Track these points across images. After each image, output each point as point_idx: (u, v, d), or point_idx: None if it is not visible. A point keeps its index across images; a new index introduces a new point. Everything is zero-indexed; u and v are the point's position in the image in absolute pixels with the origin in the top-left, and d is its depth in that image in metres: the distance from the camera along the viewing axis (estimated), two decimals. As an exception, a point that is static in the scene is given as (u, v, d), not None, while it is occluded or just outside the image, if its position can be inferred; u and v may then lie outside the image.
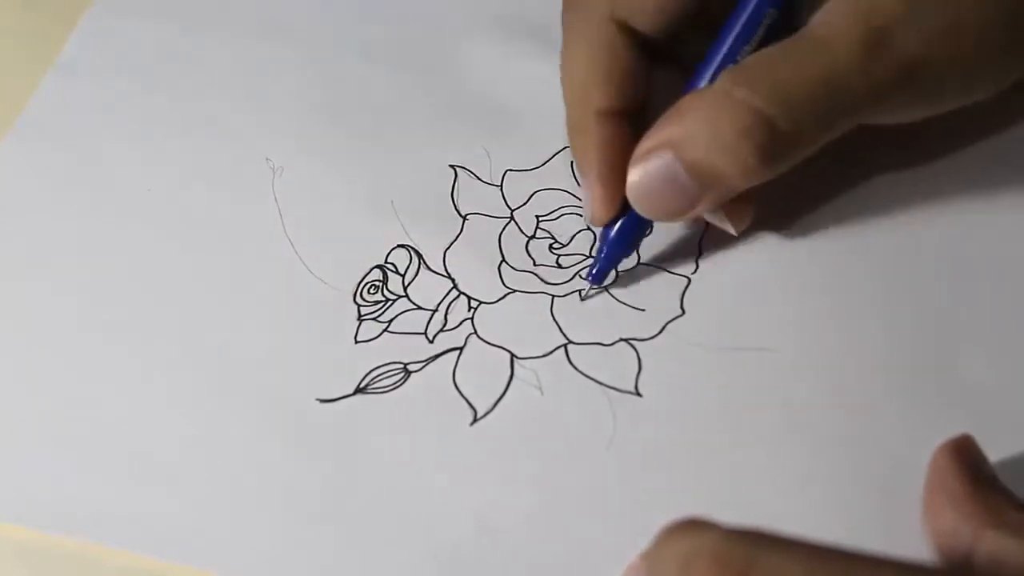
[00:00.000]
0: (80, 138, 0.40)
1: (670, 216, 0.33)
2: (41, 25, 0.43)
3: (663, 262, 0.35)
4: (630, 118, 0.34)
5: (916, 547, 0.29)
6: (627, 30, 0.34)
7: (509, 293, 0.35)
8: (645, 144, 0.32)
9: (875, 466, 0.31)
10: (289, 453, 0.32)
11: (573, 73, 0.35)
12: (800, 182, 0.35)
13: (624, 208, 0.34)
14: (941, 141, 0.37)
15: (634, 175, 0.32)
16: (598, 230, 0.35)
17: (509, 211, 0.37)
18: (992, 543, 0.26)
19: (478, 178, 0.38)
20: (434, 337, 0.34)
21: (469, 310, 0.35)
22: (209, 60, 0.42)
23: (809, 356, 0.33)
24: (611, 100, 0.34)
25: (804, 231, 0.36)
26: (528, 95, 0.39)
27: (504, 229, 0.37)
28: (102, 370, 0.34)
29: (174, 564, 0.31)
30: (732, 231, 0.35)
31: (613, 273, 0.35)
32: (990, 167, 0.36)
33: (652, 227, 0.35)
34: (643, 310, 0.34)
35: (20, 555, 0.31)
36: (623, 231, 0.34)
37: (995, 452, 0.30)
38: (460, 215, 0.37)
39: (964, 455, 0.29)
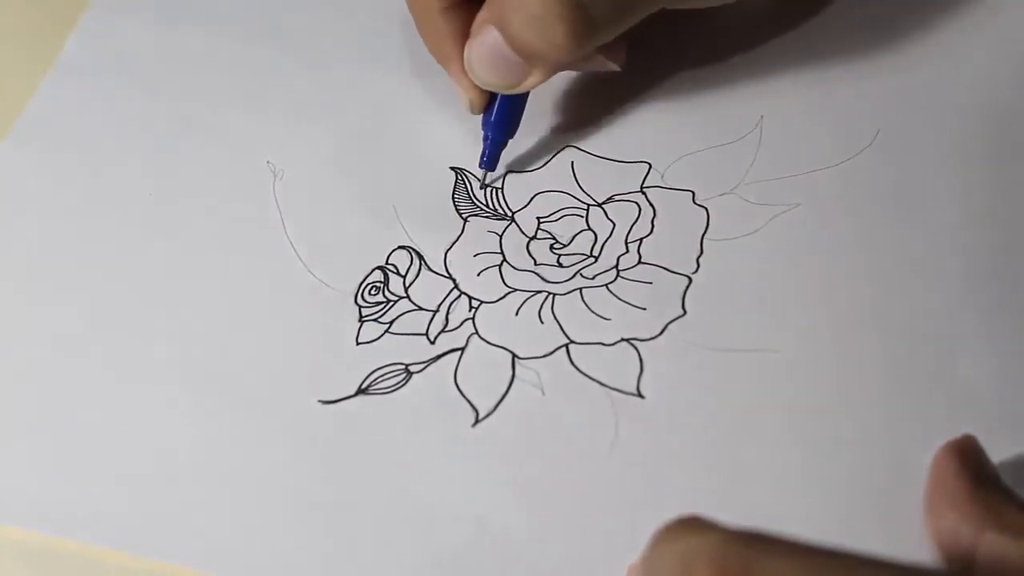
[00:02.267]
0: (80, 139, 0.40)
1: (510, 87, 0.35)
2: (41, 26, 0.43)
3: (664, 261, 0.35)
4: (474, 4, 0.35)
5: (917, 548, 0.29)
6: None
7: (510, 293, 0.35)
8: (477, 21, 0.35)
9: (876, 467, 0.31)
10: (290, 454, 0.32)
11: None
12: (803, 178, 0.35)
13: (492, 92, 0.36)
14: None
15: (467, 51, 0.35)
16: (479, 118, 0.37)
17: (510, 213, 0.37)
18: (993, 544, 0.26)
19: (479, 179, 0.38)
20: (435, 338, 0.34)
21: (470, 310, 0.35)
22: (209, 61, 0.41)
23: (810, 357, 0.33)
24: None
25: (805, 232, 0.36)
26: (528, 94, 0.39)
27: (505, 230, 0.37)
28: (102, 371, 0.34)
29: (174, 565, 0.31)
30: (615, 67, 0.37)
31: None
32: (993, 164, 0.36)
33: (526, 100, 0.37)
34: (644, 309, 0.34)
35: (20, 555, 0.31)
36: (500, 110, 0.36)
37: (996, 453, 0.30)
38: (461, 217, 0.37)
39: (966, 455, 0.29)
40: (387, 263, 0.36)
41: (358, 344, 0.34)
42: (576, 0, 0.33)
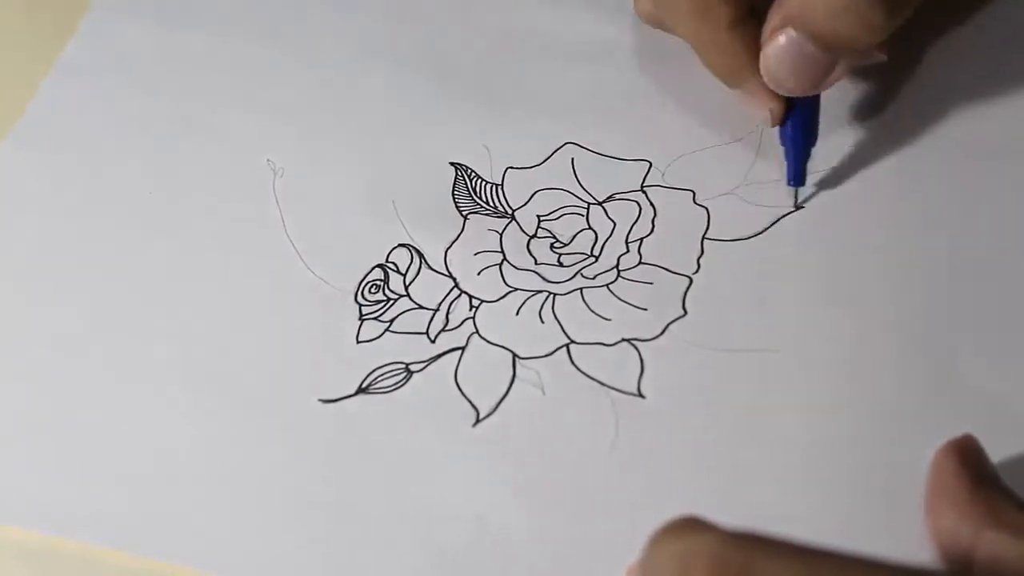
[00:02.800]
0: (80, 139, 0.40)
1: (813, 88, 0.34)
2: (41, 27, 0.43)
3: (665, 262, 0.35)
4: (758, 14, 0.34)
5: (917, 548, 0.29)
6: None
7: (511, 292, 0.35)
8: (769, 25, 0.33)
9: (876, 467, 0.31)
10: (291, 454, 0.32)
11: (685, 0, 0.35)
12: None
13: (790, 101, 0.35)
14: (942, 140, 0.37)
15: (765, 58, 0.33)
16: (775, 132, 0.36)
17: (510, 211, 0.37)
18: (992, 543, 0.26)
19: (479, 176, 0.38)
20: (436, 337, 0.34)
21: (471, 309, 0.35)
22: (209, 61, 0.41)
23: (810, 357, 0.33)
24: (736, 9, 0.34)
25: (805, 232, 0.36)
26: (529, 92, 0.39)
27: (505, 228, 0.37)
28: (102, 371, 0.34)
29: (174, 565, 0.31)
30: (883, 56, 0.35)
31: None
32: (993, 165, 0.36)
33: (819, 104, 0.35)
34: (645, 310, 0.34)
35: (20, 555, 0.31)
36: (798, 120, 0.35)
37: (997, 453, 0.30)
38: (461, 214, 0.37)
39: (966, 455, 0.29)
40: (387, 261, 0.36)
41: (358, 343, 0.34)
42: None
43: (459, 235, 0.36)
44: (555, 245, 0.36)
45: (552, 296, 0.35)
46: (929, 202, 0.36)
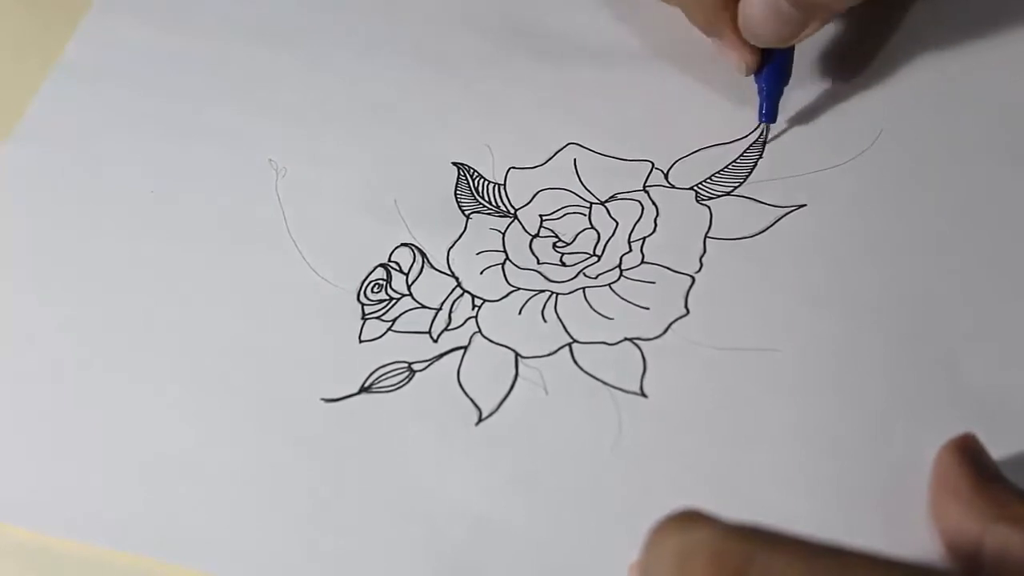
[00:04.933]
0: (81, 140, 0.40)
1: (783, 41, 0.36)
2: (42, 27, 0.43)
3: (667, 261, 0.35)
4: None
5: (919, 546, 0.29)
6: None
7: (513, 291, 0.35)
8: None
9: (879, 465, 0.31)
10: (293, 453, 0.32)
11: None
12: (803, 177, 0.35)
13: (765, 51, 0.37)
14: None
15: (743, 11, 0.36)
16: (750, 80, 0.37)
17: (512, 210, 0.37)
18: (999, 535, 0.26)
19: (481, 176, 0.38)
20: (438, 336, 0.34)
21: (473, 309, 0.35)
22: (210, 61, 0.41)
23: (813, 356, 0.33)
24: None
25: (807, 232, 0.36)
26: (531, 92, 0.39)
27: (508, 228, 0.37)
28: (103, 371, 0.34)
29: (175, 565, 0.31)
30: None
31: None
32: (995, 163, 0.36)
33: (793, 51, 0.37)
34: (647, 309, 0.34)
35: (20, 555, 0.31)
36: (773, 63, 0.37)
37: (998, 451, 0.30)
38: (463, 214, 0.37)
39: (968, 452, 0.29)
40: (390, 260, 0.36)
41: (361, 342, 0.34)
42: None
43: (461, 235, 0.36)
44: (557, 244, 0.36)
45: (555, 295, 0.35)
46: (931, 202, 0.36)
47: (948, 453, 0.29)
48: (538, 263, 0.36)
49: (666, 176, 0.37)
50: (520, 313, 0.35)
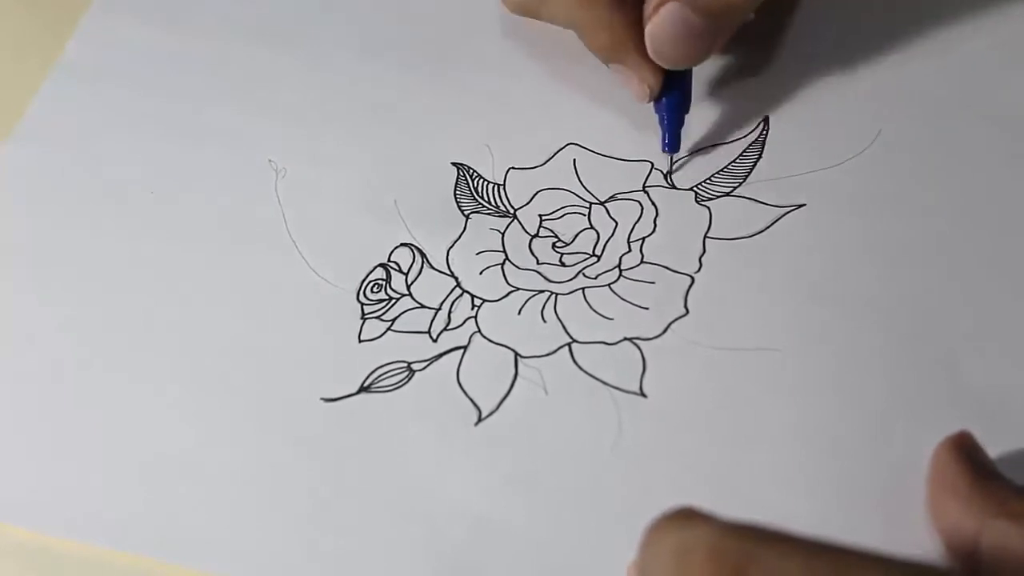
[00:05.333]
0: (81, 140, 0.40)
1: (692, 59, 0.35)
2: (42, 27, 0.43)
3: (667, 261, 0.35)
4: None
5: (918, 545, 0.29)
6: None
7: (512, 292, 0.35)
8: (652, 1, 0.34)
9: (878, 465, 0.31)
10: (293, 453, 0.32)
11: None
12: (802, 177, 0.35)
13: (666, 77, 0.36)
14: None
15: (651, 31, 0.35)
16: (650, 106, 0.37)
17: (512, 210, 0.37)
18: (997, 530, 0.26)
19: (481, 176, 0.38)
20: (438, 336, 0.34)
21: (472, 309, 0.35)
22: (209, 62, 0.41)
23: (812, 355, 0.33)
24: None
25: (806, 231, 0.36)
26: (531, 92, 0.39)
27: (507, 228, 0.37)
28: (104, 371, 0.34)
29: (175, 565, 0.31)
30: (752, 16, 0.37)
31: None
32: (995, 163, 0.36)
33: (691, 75, 0.37)
34: (647, 309, 0.34)
35: (20, 555, 0.31)
36: (674, 89, 0.36)
37: (999, 451, 0.30)
38: (463, 214, 0.37)
39: (964, 449, 0.29)
40: (389, 260, 0.36)
41: (360, 342, 0.34)
42: None
43: (461, 235, 0.36)
44: (557, 245, 0.36)
45: (554, 296, 0.35)
46: (931, 201, 0.36)
47: (945, 451, 0.29)
48: (538, 263, 0.36)
49: (666, 176, 0.37)
50: (520, 313, 0.35)
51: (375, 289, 0.35)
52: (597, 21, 0.36)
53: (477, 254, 0.36)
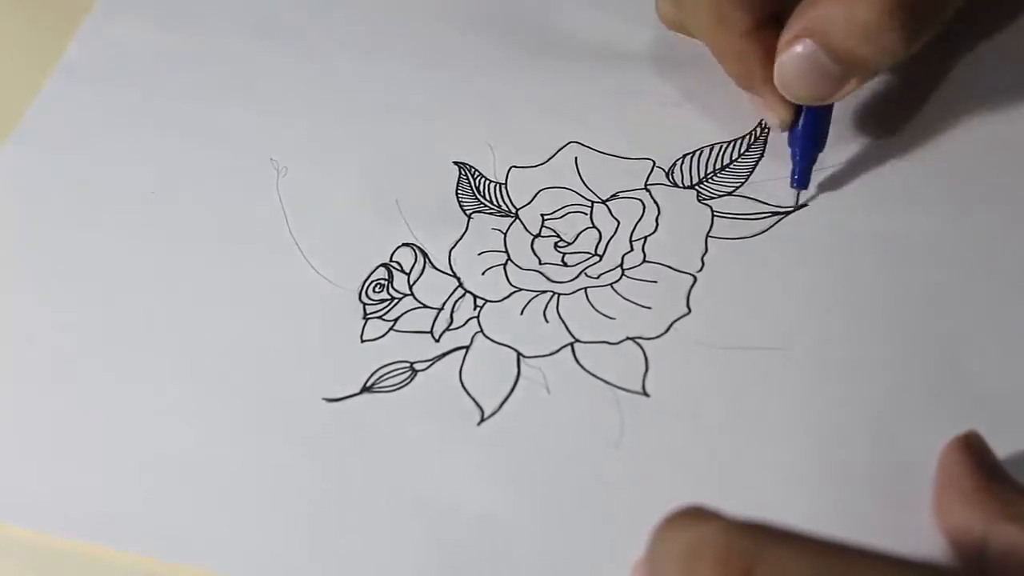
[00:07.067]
0: (82, 140, 0.40)
1: (820, 99, 0.34)
2: (43, 28, 0.43)
3: (669, 260, 0.35)
4: (776, 21, 0.35)
5: (923, 546, 0.29)
6: None
7: (515, 291, 0.35)
8: (787, 34, 0.33)
9: (881, 465, 0.31)
10: (295, 453, 0.32)
11: (703, 3, 0.35)
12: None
13: (800, 108, 0.35)
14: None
15: (780, 65, 0.34)
16: (784, 136, 0.36)
17: (514, 210, 0.37)
18: (1004, 534, 0.26)
19: (483, 175, 0.38)
20: (440, 336, 0.34)
21: (475, 308, 0.35)
22: (210, 62, 0.41)
23: (815, 354, 0.33)
24: (754, 17, 0.35)
25: (810, 230, 0.36)
26: (532, 91, 0.39)
27: (509, 228, 0.37)
28: (105, 371, 0.34)
29: (177, 564, 0.30)
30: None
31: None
32: (997, 162, 0.36)
33: (831, 112, 0.35)
34: (649, 308, 0.34)
35: (20, 555, 0.31)
36: (810, 125, 0.35)
37: (1000, 451, 0.30)
38: (465, 213, 0.37)
39: (973, 450, 0.29)
40: (391, 260, 0.36)
41: (362, 342, 0.34)
42: (910, 5, 0.32)
43: (463, 234, 0.36)
44: (559, 244, 0.36)
45: (556, 295, 0.35)
46: (933, 200, 0.36)
47: (953, 451, 0.29)
48: (540, 263, 0.36)
49: (668, 175, 0.37)
50: (522, 313, 0.35)
51: (377, 289, 0.35)
52: (730, 48, 0.35)
53: (479, 254, 0.36)
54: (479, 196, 0.37)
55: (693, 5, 0.36)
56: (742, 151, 0.37)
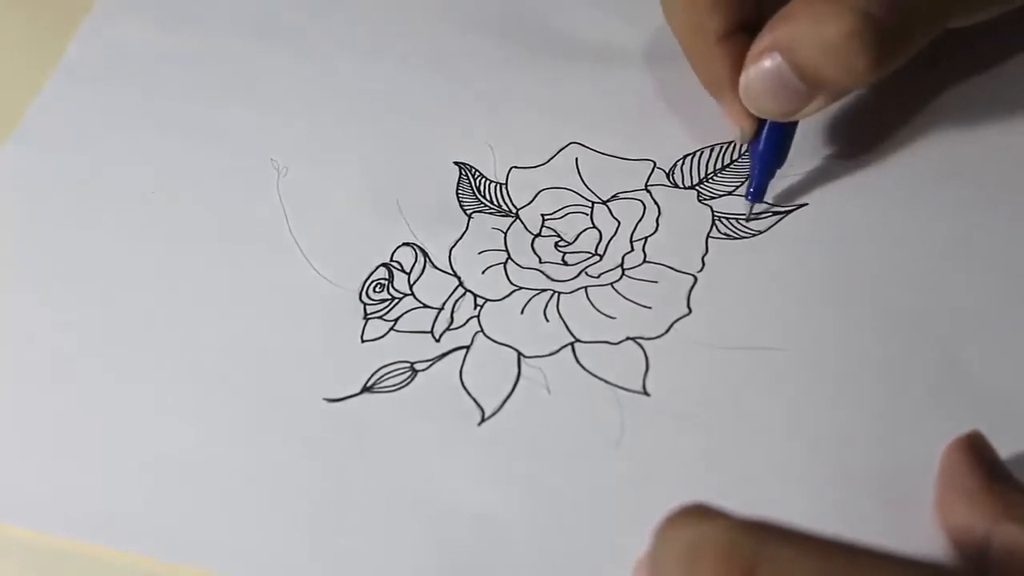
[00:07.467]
0: (82, 140, 0.40)
1: (784, 115, 0.34)
2: (42, 29, 0.43)
3: (669, 260, 0.35)
4: (749, 31, 0.34)
5: (924, 545, 0.29)
6: None
7: (515, 291, 0.35)
8: (756, 47, 0.33)
9: (882, 465, 0.31)
10: (296, 453, 0.32)
11: (679, 5, 0.35)
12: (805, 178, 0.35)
13: (762, 121, 0.35)
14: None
15: (746, 77, 0.33)
16: (745, 147, 0.36)
17: (514, 210, 0.37)
18: (1007, 534, 0.26)
19: (483, 175, 0.38)
20: (440, 336, 0.34)
21: (475, 308, 0.35)
22: (211, 62, 0.41)
23: (816, 355, 0.33)
24: (727, 24, 0.34)
25: (809, 231, 0.36)
26: (533, 91, 0.39)
27: (510, 227, 0.37)
28: (105, 371, 0.34)
29: (177, 564, 0.30)
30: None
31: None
32: (998, 162, 0.36)
33: (796, 128, 0.35)
34: (649, 308, 0.34)
35: (20, 555, 0.31)
36: (770, 140, 0.35)
37: (1003, 449, 0.30)
38: (465, 213, 0.37)
39: (976, 450, 0.29)
40: (392, 260, 0.36)
41: (363, 342, 0.34)
42: (877, 27, 0.31)
43: (463, 234, 0.36)
44: (559, 244, 0.36)
45: (557, 295, 0.35)
46: (934, 200, 0.36)
47: (956, 450, 0.29)
48: (540, 262, 0.36)
49: (668, 175, 0.37)
50: (522, 313, 0.35)
51: (377, 289, 0.35)
52: (700, 53, 0.35)
53: (479, 253, 0.36)
54: (479, 196, 0.37)
55: (669, 6, 0.36)
56: (742, 152, 0.37)
